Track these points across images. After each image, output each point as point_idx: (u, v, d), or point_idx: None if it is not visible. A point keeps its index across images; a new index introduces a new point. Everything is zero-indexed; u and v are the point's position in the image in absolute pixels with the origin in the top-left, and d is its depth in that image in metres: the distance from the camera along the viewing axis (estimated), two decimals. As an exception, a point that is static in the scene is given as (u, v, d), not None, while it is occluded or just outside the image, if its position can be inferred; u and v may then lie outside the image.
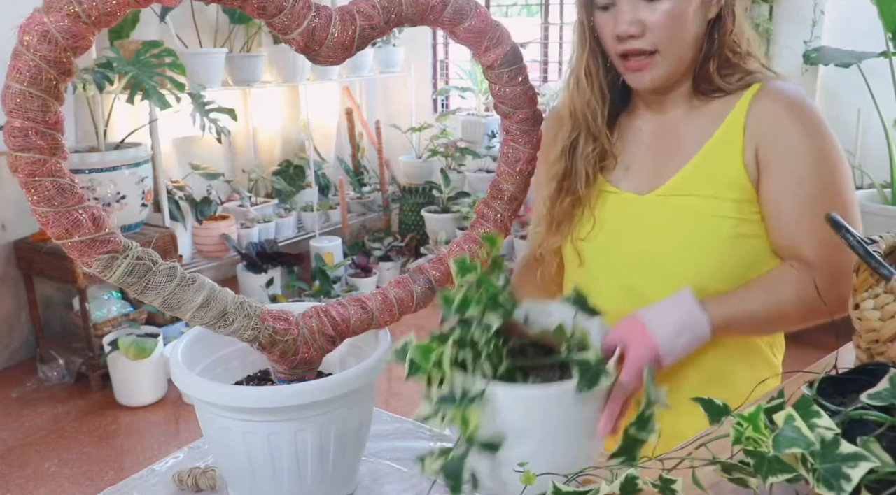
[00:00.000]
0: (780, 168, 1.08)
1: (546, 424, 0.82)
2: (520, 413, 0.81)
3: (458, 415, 0.77)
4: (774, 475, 0.63)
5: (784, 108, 1.09)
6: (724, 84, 1.13)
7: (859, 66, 3.34)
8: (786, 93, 1.10)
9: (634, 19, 1.07)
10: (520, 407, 0.81)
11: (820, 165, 1.07)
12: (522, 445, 0.80)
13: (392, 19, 1.00)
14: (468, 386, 0.79)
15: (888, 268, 0.79)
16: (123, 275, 0.90)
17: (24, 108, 0.82)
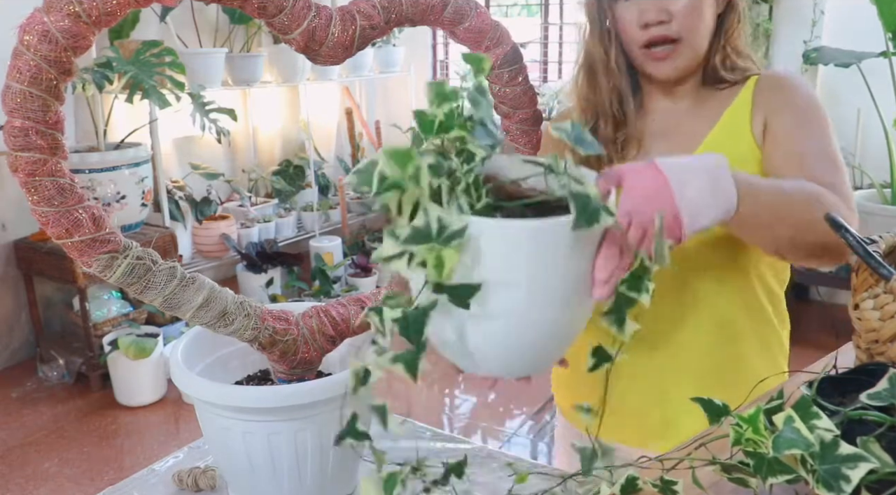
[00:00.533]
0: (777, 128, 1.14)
1: (536, 268, 0.70)
2: (507, 253, 0.68)
3: (432, 255, 0.64)
4: (774, 476, 0.63)
5: (786, 82, 1.18)
6: (728, 75, 1.19)
7: (859, 66, 3.34)
8: (786, 72, 1.21)
9: (661, 7, 1.10)
10: (508, 245, 0.68)
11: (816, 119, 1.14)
12: (504, 295, 0.69)
13: (392, 19, 1.00)
14: (447, 220, 0.65)
15: (888, 268, 0.79)
16: (123, 274, 0.90)
17: (24, 108, 0.82)
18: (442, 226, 0.64)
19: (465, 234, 0.64)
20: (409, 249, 0.64)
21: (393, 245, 0.64)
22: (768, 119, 1.15)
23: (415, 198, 0.66)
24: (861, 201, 3.37)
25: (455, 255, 0.64)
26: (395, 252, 0.64)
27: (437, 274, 0.64)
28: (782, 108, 1.15)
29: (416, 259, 0.64)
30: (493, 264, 0.67)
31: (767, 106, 1.16)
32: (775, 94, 1.17)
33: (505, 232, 0.68)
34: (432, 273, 0.64)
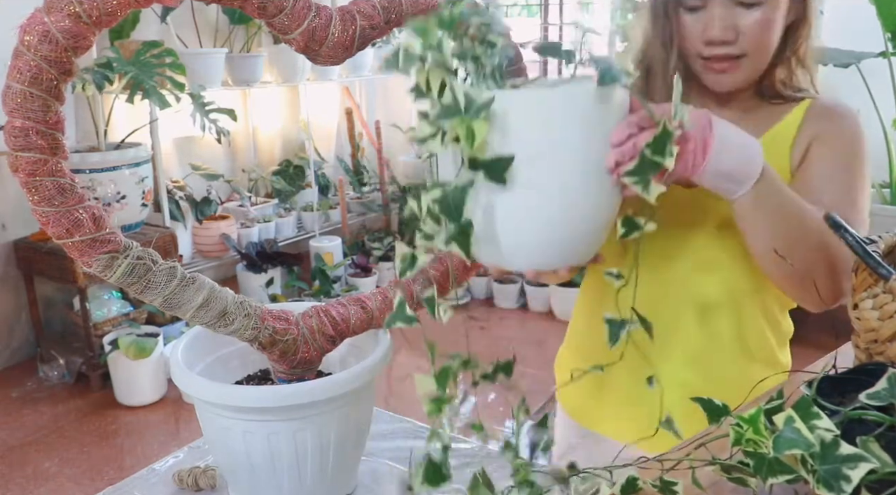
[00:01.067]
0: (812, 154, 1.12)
1: (564, 136, 0.73)
2: (535, 122, 0.72)
3: (463, 127, 0.66)
4: (774, 476, 0.63)
5: (838, 115, 1.14)
6: (785, 92, 1.15)
7: (858, 67, 3.34)
8: (840, 106, 1.16)
9: (728, 25, 1.05)
10: (536, 114, 0.72)
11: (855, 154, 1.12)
12: (533, 169, 0.72)
13: (392, 19, 1.00)
14: (474, 94, 0.67)
15: (887, 267, 0.79)
16: (124, 274, 0.90)
17: (24, 108, 0.82)
18: (469, 100, 0.66)
19: (491, 106, 0.66)
20: (441, 125, 0.65)
21: (426, 126, 0.66)
22: (811, 146, 1.12)
23: (441, 75, 0.67)
24: (861, 201, 3.37)
25: (485, 126, 0.66)
26: (429, 132, 0.66)
27: (470, 145, 0.65)
28: (826, 138, 1.12)
29: (448, 135, 0.65)
30: (522, 136, 0.70)
31: (813, 134, 1.13)
32: (825, 122, 1.13)
33: (531, 101, 0.71)
34: (465, 146, 0.65)
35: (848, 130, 1.13)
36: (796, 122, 1.14)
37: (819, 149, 1.12)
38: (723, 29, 1.05)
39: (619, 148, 0.77)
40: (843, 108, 1.15)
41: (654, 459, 0.80)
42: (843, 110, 1.15)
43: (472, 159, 0.68)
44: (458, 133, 0.66)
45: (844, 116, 1.14)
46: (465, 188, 0.67)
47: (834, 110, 1.14)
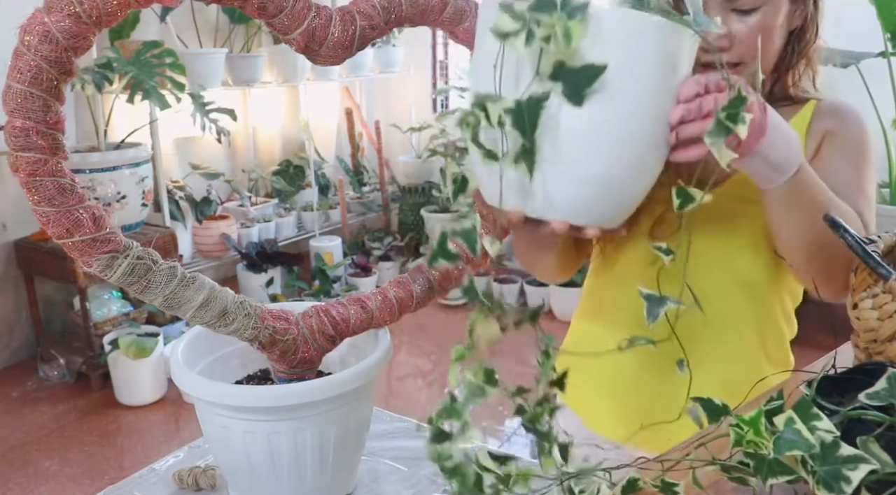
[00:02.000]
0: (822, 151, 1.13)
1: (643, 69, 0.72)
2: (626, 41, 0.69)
3: (560, 25, 0.60)
4: (774, 476, 0.63)
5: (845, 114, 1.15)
6: (795, 93, 1.15)
7: (857, 67, 3.34)
8: (848, 106, 1.17)
9: (724, 32, 1.03)
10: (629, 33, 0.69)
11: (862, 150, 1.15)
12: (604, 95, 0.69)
13: (392, 20, 1.00)
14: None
15: (886, 267, 0.79)
16: (124, 274, 0.90)
17: (24, 108, 0.82)
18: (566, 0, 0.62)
19: (588, 9, 0.63)
20: (534, 19, 0.60)
21: (511, 20, 0.60)
22: (822, 142, 1.13)
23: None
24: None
25: (581, 29, 0.62)
26: (514, 27, 0.60)
27: (567, 44, 0.61)
28: (836, 134, 1.14)
29: (539, 32, 0.60)
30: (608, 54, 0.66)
31: (823, 131, 1.14)
32: (833, 120, 1.14)
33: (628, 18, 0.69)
34: (561, 44, 0.60)
35: (854, 127, 1.15)
36: (805, 121, 1.14)
37: (830, 146, 1.13)
38: (717, 36, 1.02)
39: (686, 104, 0.77)
40: (848, 106, 1.17)
41: (654, 459, 0.80)
42: (847, 108, 1.16)
43: (559, 65, 0.63)
44: (551, 31, 0.60)
45: (850, 113, 1.16)
46: (540, 100, 0.64)
47: (840, 108, 1.15)
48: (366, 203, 4.87)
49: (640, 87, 0.73)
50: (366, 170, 5.01)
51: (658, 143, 0.79)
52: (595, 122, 0.71)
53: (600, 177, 0.77)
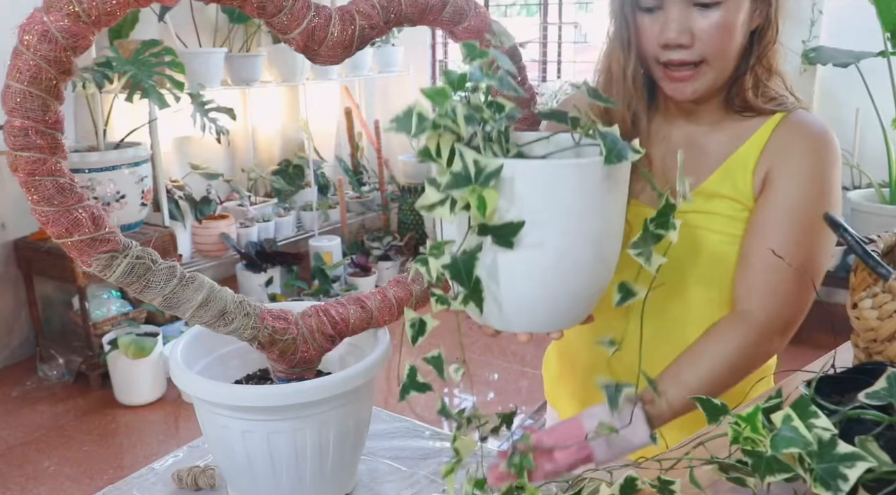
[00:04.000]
0: (776, 194, 1.06)
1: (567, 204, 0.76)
2: (541, 192, 0.74)
3: (474, 196, 0.68)
4: (772, 475, 0.63)
5: (805, 140, 1.07)
6: (755, 103, 1.09)
7: (857, 66, 3.34)
8: (811, 125, 1.09)
9: (684, 27, 1.01)
10: (542, 185, 0.74)
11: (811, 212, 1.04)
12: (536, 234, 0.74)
13: (391, 19, 1.00)
14: (483, 163, 0.69)
15: (886, 267, 0.79)
16: (123, 274, 0.90)
17: (24, 108, 0.82)
18: (479, 169, 0.69)
19: (501, 174, 0.69)
20: (451, 194, 0.68)
21: (435, 192, 0.68)
22: (770, 175, 1.07)
23: (450, 141, 0.70)
24: (860, 200, 3.37)
25: (495, 195, 0.68)
26: (437, 199, 0.68)
27: (481, 214, 0.67)
28: (786, 172, 1.06)
29: (458, 204, 0.68)
30: (528, 205, 0.72)
31: (775, 158, 1.07)
32: (789, 151, 1.07)
33: (538, 171, 0.73)
34: (476, 214, 0.68)
35: (811, 161, 1.06)
36: (761, 142, 1.09)
37: (777, 187, 1.07)
38: (678, 31, 1.01)
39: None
40: (813, 129, 1.08)
41: (652, 459, 0.80)
42: (811, 132, 1.08)
43: (482, 225, 0.70)
44: (468, 201, 0.68)
45: (812, 143, 1.07)
46: (473, 253, 0.70)
47: (801, 133, 1.08)
48: (365, 202, 4.87)
49: (565, 222, 0.77)
50: (365, 169, 5.01)
51: (602, 254, 0.82)
52: (533, 258, 0.76)
53: (550, 299, 0.82)
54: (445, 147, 0.71)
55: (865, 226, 3.18)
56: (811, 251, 1.05)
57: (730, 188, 1.10)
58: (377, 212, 4.89)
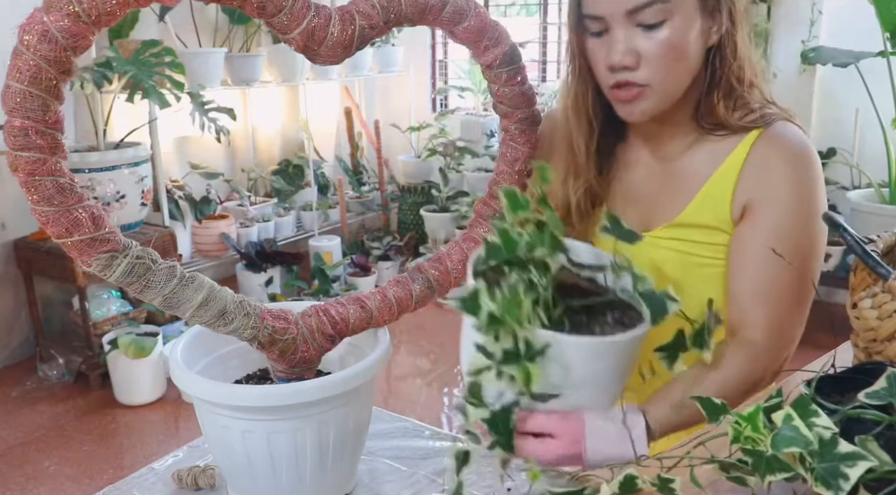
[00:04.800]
0: (759, 220, 1.04)
1: (606, 370, 0.83)
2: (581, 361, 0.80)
3: (521, 371, 0.74)
4: (773, 474, 0.63)
5: (783, 159, 1.03)
6: (729, 120, 1.06)
7: (857, 66, 3.34)
8: (789, 141, 1.04)
9: (629, 48, 0.99)
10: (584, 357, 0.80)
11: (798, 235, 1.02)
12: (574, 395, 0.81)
13: (391, 19, 1.00)
14: (532, 340, 0.76)
15: (885, 267, 0.79)
16: (123, 274, 0.90)
17: (24, 108, 0.82)
18: (528, 346, 0.76)
19: (547, 351, 0.76)
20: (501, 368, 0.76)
21: (483, 360, 0.76)
22: (751, 202, 1.04)
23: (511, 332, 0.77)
24: (859, 200, 3.37)
25: (539, 370, 0.75)
26: (484, 365, 0.76)
27: (526, 387, 0.75)
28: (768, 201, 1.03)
29: (505, 375, 0.75)
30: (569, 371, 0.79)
31: (754, 185, 1.04)
32: (768, 174, 1.03)
33: (581, 347, 0.80)
34: (523, 387, 0.75)
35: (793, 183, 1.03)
36: (738, 163, 1.05)
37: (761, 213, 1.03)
38: (623, 53, 0.99)
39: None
40: (791, 147, 1.04)
41: (653, 457, 0.80)
42: (790, 150, 1.04)
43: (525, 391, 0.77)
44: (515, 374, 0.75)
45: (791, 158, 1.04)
46: (510, 409, 0.78)
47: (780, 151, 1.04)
48: (365, 202, 4.87)
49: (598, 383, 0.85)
50: (365, 169, 5.01)
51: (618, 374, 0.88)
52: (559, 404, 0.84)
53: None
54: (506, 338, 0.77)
55: (865, 226, 3.18)
56: (802, 271, 1.02)
57: (710, 216, 1.07)
58: (377, 212, 4.89)
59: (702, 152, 1.09)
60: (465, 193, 4.62)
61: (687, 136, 1.10)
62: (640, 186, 1.15)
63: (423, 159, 4.76)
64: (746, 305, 1.03)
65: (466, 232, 1.16)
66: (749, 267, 1.03)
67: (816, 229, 1.03)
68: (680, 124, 1.09)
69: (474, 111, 4.81)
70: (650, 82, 1.00)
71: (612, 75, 1.02)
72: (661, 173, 1.13)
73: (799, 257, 1.01)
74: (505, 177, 1.14)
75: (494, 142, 4.55)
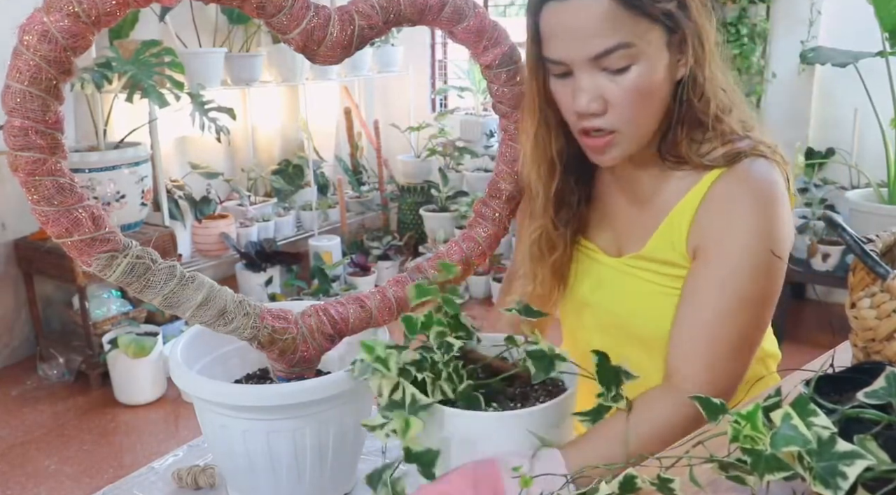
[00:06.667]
0: (709, 262, 0.99)
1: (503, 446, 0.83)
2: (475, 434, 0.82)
3: (401, 422, 0.78)
4: (771, 473, 0.64)
5: (741, 200, 0.98)
6: (691, 156, 1.01)
7: (856, 66, 3.35)
8: (751, 181, 0.98)
9: (595, 95, 0.94)
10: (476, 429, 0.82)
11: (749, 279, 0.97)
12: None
13: (391, 19, 1.00)
14: (417, 398, 0.81)
15: (884, 266, 0.79)
16: (123, 273, 0.90)
17: (24, 108, 0.82)
18: (413, 400, 0.81)
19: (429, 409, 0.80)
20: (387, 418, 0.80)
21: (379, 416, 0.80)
22: (704, 240, 1.00)
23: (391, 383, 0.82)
24: (858, 200, 3.38)
25: (419, 424, 0.78)
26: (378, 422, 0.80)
27: (403, 436, 0.78)
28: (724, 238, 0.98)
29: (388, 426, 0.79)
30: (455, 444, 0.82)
31: (708, 228, 0.99)
32: (723, 213, 0.98)
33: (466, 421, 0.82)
34: (401, 436, 0.78)
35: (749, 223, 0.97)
36: (694, 204, 1.01)
37: (714, 252, 0.99)
38: (589, 100, 0.95)
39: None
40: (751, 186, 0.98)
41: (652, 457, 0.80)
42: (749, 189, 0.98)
43: (406, 449, 0.79)
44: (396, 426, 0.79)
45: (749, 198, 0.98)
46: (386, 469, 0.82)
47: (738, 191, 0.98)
48: (365, 202, 4.88)
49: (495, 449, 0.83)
50: (365, 169, 5.01)
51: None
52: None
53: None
54: (386, 388, 0.82)
55: (864, 226, 3.18)
56: (746, 322, 0.97)
57: (668, 251, 1.05)
58: (376, 211, 4.89)
59: (667, 186, 1.06)
60: (465, 193, 4.63)
61: (653, 169, 1.07)
62: (614, 210, 1.14)
63: (423, 159, 4.76)
64: (684, 352, 0.97)
65: (466, 231, 1.16)
66: (692, 311, 0.98)
67: (773, 272, 0.98)
68: (646, 158, 1.05)
69: (474, 111, 4.81)
70: (619, 128, 0.97)
71: (579, 121, 0.99)
72: (629, 204, 1.11)
73: (749, 302, 0.97)
74: (505, 176, 1.15)
75: (494, 141, 4.56)
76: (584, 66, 0.94)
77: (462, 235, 1.16)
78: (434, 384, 0.83)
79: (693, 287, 1.00)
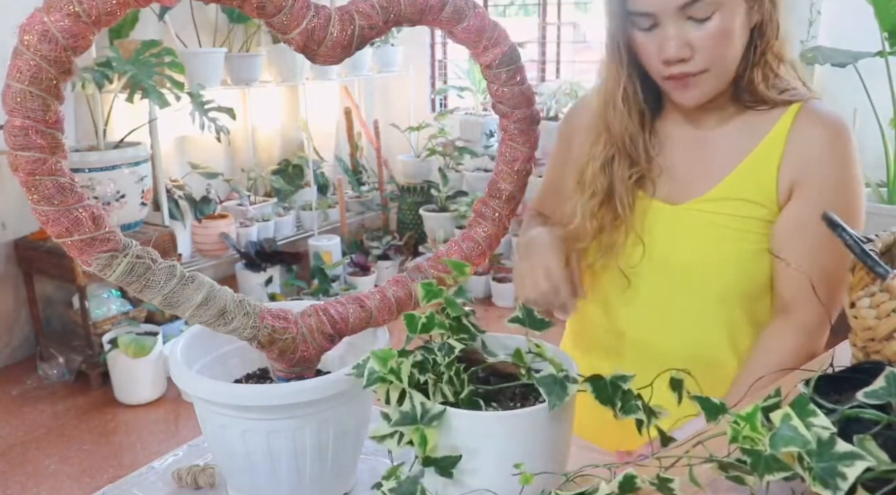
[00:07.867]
0: (809, 199, 1.07)
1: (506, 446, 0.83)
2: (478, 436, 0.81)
3: (417, 434, 0.77)
4: (771, 473, 0.64)
5: (827, 138, 1.08)
6: (768, 95, 1.10)
7: (855, 66, 3.34)
8: (829, 119, 1.10)
9: (682, 42, 1.02)
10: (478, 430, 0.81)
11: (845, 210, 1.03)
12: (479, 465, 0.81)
13: (391, 19, 1.00)
14: (427, 406, 0.80)
15: (884, 266, 0.79)
16: (123, 273, 0.90)
17: (24, 107, 0.82)
18: (424, 411, 0.79)
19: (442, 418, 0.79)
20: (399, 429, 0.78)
21: (386, 426, 0.79)
22: (797, 184, 1.07)
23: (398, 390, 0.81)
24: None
25: (435, 434, 0.78)
26: (387, 432, 0.78)
27: (423, 450, 0.77)
28: (816, 182, 1.06)
29: (404, 439, 0.78)
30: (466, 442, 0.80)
31: (801, 164, 1.07)
32: (812, 154, 1.07)
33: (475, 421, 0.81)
34: (419, 449, 0.77)
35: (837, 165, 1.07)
36: (781, 138, 1.09)
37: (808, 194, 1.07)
38: (677, 47, 1.02)
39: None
40: (831, 124, 1.09)
41: (652, 456, 0.80)
42: (832, 128, 1.09)
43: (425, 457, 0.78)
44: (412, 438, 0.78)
45: (833, 137, 1.08)
46: (416, 479, 0.79)
47: (822, 130, 1.09)
48: (364, 202, 4.88)
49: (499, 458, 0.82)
50: (364, 169, 5.01)
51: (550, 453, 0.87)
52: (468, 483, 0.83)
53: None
54: (393, 394, 0.81)
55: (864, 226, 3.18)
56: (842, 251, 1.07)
57: (752, 190, 1.09)
58: (376, 211, 4.89)
59: (739, 127, 1.12)
60: (465, 193, 4.63)
61: (723, 111, 1.13)
62: (674, 160, 1.17)
63: (423, 159, 4.76)
64: (799, 285, 1.05)
65: (466, 231, 1.16)
66: (801, 245, 1.05)
67: (860, 202, 1.08)
68: (718, 100, 1.11)
69: (473, 111, 4.81)
70: (706, 68, 1.04)
71: (666, 68, 1.05)
72: (696, 148, 1.15)
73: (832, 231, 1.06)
74: (504, 176, 1.14)
75: (494, 141, 4.56)
76: (671, 16, 1.01)
77: (462, 235, 1.16)
78: (435, 385, 0.83)
79: (795, 223, 1.07)
